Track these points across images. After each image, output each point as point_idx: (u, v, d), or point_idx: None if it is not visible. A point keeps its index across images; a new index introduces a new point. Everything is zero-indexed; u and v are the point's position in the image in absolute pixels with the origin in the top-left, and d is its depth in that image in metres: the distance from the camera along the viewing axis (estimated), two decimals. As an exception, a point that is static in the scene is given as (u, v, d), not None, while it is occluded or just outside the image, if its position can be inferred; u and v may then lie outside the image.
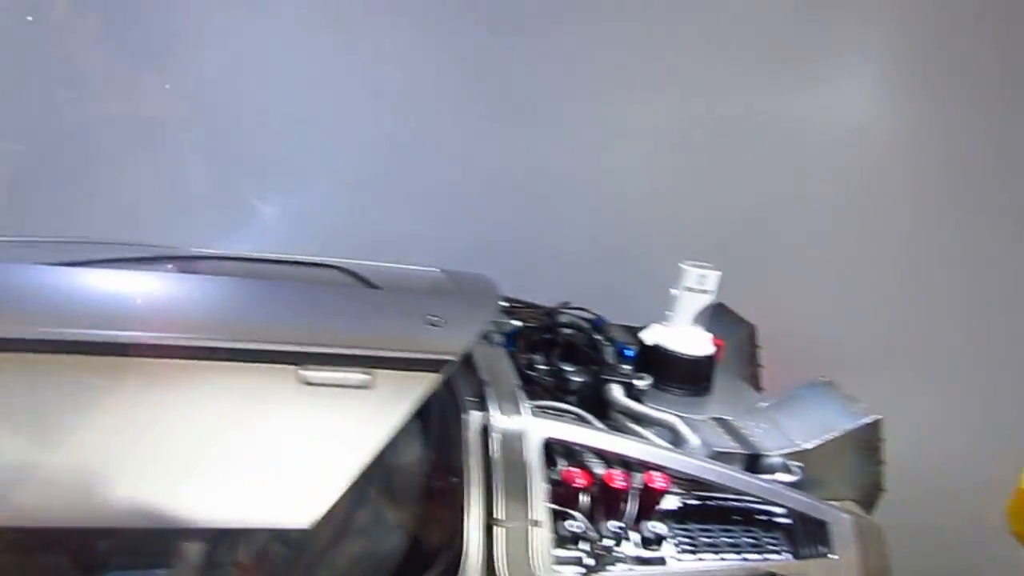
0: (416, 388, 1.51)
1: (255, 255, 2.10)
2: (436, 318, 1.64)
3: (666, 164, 3.15)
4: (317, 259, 2.05)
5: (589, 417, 2.09)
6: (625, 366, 2.35)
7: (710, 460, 2.03)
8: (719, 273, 2.41)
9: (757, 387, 2.71)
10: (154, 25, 3.12)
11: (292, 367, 1.45)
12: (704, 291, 2.41)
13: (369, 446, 1.41)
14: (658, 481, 1.91)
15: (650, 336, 2.44)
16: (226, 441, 1.38)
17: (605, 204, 3.14)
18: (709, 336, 2.46)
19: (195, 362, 1.41)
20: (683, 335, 2.42)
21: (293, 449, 1.40)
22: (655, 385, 2.36)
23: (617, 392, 2.24)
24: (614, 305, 2.67)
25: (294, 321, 1.57)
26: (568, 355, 2.46)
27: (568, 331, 2.51)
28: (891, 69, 3.15)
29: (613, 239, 3.14)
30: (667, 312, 2.46)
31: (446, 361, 1.57)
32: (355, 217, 3.22)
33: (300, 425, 1.43)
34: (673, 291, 2.43)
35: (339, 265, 2.01)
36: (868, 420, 2.21)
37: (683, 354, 2.40)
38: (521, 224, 3.08)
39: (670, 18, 3.09)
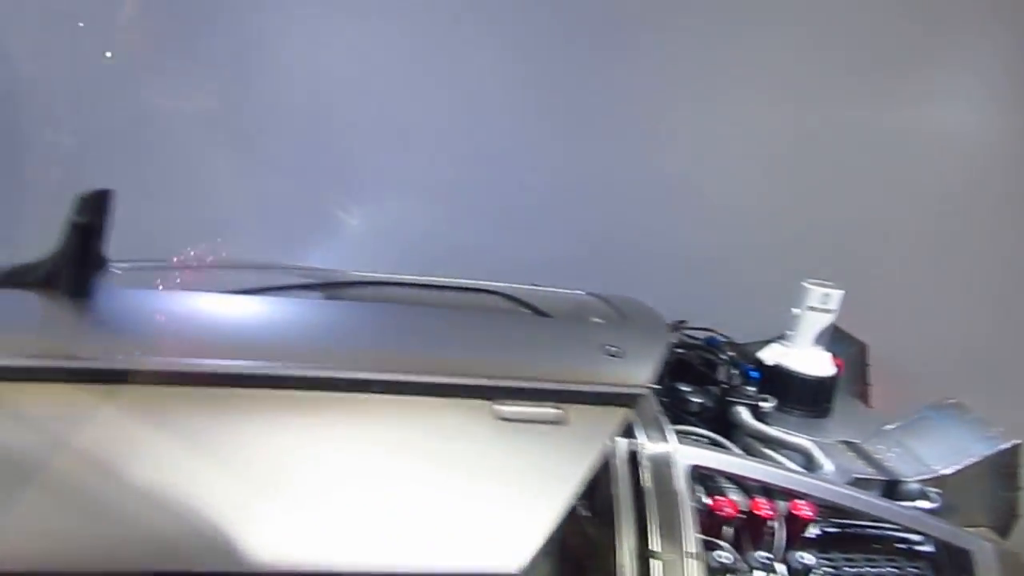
0: (608, 423, 1.48)
1: (405, 279, 2.08)
2: (615, 348, 1.61)
3: (775, 177, 3.09)
4: (473, 283, 2.03)
5: (725, 442, 2.05)
6: (749, 387, 2.30)
7: (851, 487, 1.97)
8: (842, 292, 2.35)
9: (867, 406, 2.65)
10: (239, 29, 3.12)
11: (487, 402, 1.43)
12: (827, 310, 2.36)
13: (568, 484, 1.38)
14: (804, 510, 1.86)
15: (770, 356, 2.39)
16: (427, 480, 1.36)
17: (709, 218, 3.09)
18: (829, 356, 2.40)
19: (393, 397, 1.39)
20: (804, 355, 2.37)
21: (494, 488, 1.37)
22: (776, 407, 2.31)
23: (746, 415, 2.19)
24: (718, 322, 2.63)
25: (483, 353, 1.54)
26: (680, 375, 2.41)
27: (681, 350, 2.47)
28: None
29: (718, 253, 3.09)
30: (787, 332, 2.40)
31: (637, 395, 1.53)
32: (447, 231, 3.20)
33: (498, 463, 1.40)
34: (795, 310, 2.38)
35: (498, 290, 1.98)
36: (1007, 445, 2.15)
37: (806, 375, 2.34)
38: (621, 238, 3.05)
39: (785, 22, 3.03)
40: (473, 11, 3.05)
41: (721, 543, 1.79)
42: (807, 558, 1.84)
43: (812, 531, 1.93)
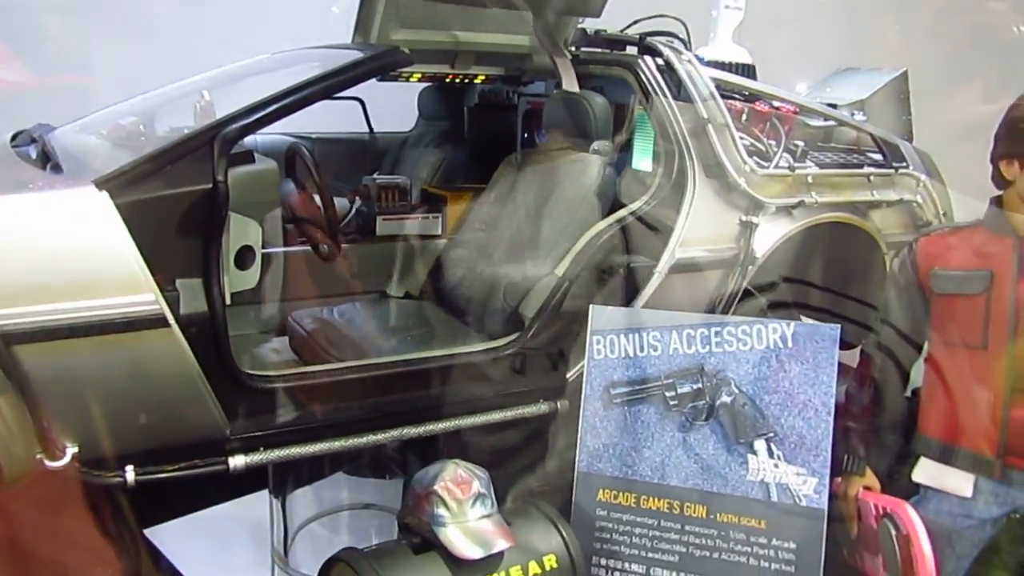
0: None
1: None
2: None
3: None
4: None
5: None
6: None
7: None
8: (747, -11, 2.77)
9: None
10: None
11: None
12: (738, 8, 2.77)
13: None
14: (787, 107, 2.26)
15: (706, 54, 2.77)
16: None
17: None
18: (745, 50, 2.83)
19: None
20: (727, 50, 2.78)
21: None
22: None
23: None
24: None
25: None
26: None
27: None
28: None
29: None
30: (711, 34, 2.79)
31: None
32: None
33: None
34: (713, 12, 2.77)
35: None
36: (898, 73, 2.68)
37: (733, 63, 2.74)
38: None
39: None
40: None
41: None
42: (800, 143, 2.24)
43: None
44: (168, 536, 2.05)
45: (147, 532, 2.01)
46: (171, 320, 1.36)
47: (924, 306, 1.59)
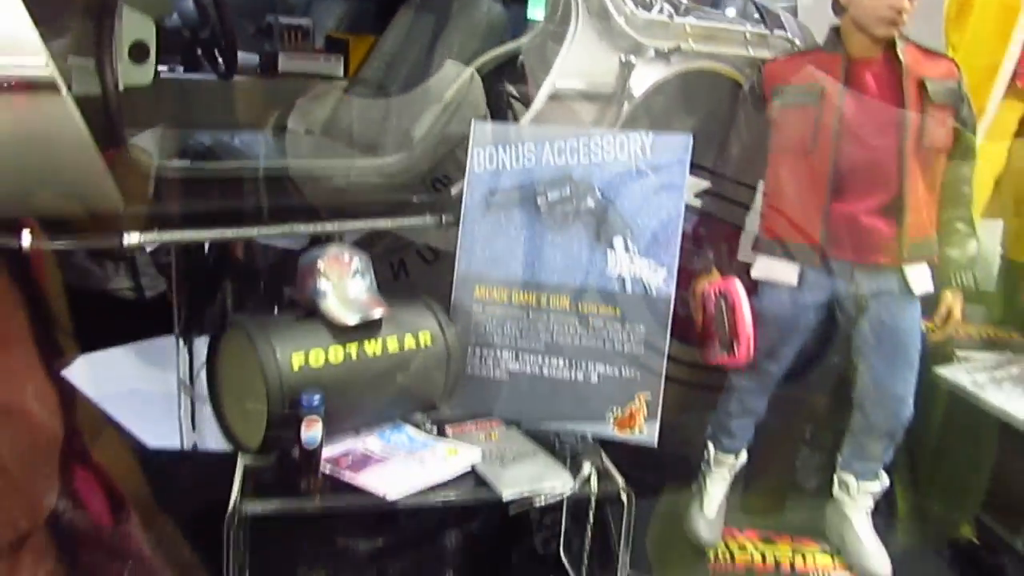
0: None
1: None
2: None
3: None
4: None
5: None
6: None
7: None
8: None
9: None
10: None
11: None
12: None
13: None
14: None
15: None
16: None
17: None
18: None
19: None
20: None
21: None
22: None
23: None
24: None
25: None
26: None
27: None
28: None
29: None
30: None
31: None
32: None
33: None
34: None
35: None
36: None
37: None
38: None
39: None
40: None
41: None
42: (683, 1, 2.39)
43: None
44: (77, 368, 2.15)
45: (55, 365, 2.11)
46: (63, 87, 1.43)
47: (767, 124, 1.78)
